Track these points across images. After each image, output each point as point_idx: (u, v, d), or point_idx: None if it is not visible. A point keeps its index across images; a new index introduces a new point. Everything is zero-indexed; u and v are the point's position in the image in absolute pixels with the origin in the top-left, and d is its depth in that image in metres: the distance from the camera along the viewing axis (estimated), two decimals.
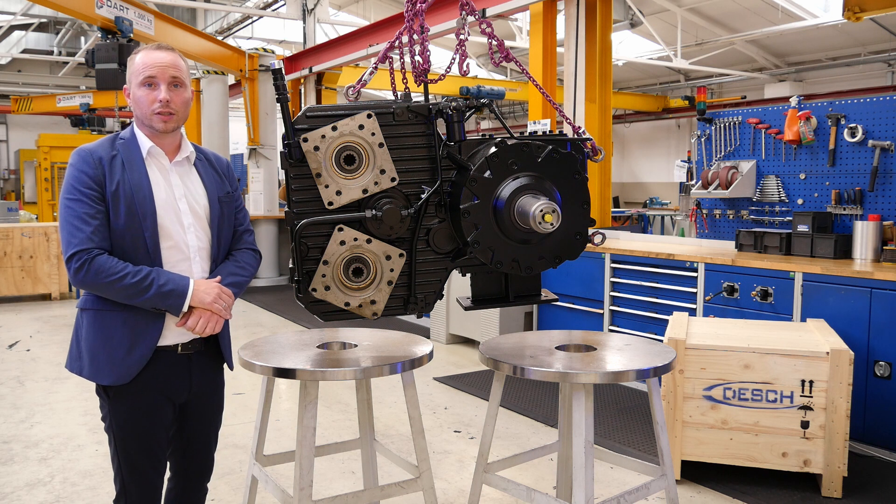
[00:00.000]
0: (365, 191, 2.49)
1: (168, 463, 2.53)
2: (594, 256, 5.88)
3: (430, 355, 2.74)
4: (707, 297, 5.06)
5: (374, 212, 2.48)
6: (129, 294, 2.19)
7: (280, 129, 3.77)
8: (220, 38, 14.80)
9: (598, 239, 2.74)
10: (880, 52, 13.55)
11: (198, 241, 2.38)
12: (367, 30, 9.89)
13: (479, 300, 2.77)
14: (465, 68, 2.75)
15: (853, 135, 5.07)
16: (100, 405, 2.41)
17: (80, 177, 2.23)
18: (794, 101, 5.41)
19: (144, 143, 2.34)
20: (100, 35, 8.20)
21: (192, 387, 2.45)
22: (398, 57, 2.75)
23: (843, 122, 5.13)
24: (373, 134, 2.49)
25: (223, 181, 2.52)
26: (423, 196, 2.53)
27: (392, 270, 2.53)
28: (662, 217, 14.99)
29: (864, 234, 4.76)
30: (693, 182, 6.24)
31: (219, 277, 2.35)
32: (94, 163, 2.25)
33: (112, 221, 2.24)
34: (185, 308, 2.25)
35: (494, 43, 2.77)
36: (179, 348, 2.38)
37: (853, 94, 12.74)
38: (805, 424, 3.64)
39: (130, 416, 2.34)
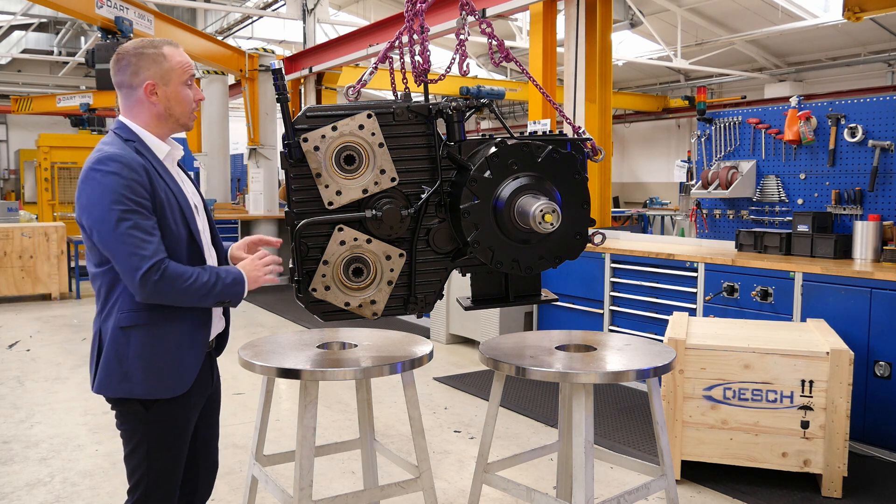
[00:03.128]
0: (365, 191, 2.49)
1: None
2: (594, 256, 5.88)
3: (430, 355, 2.74)
4: (707, 297, 5.06)
5: (374, 212, 2.48)
6: (200, 295, 2.14)
7: (280, 129, 3.76)
8: (220, 38, 14.80)
9: (598, 239, 2.74)
10: (880, 52, 13.55)
11: (205, 236, 2.37)
12: (367, 30, 9.89)
13: (479, 300, 2.77)
14: (465, 68, 2.75)
15: (853, 135, 5.07)
16: (122, 420, 2.25)
17: (132, 185, 2.07)
18: (794, 101, 5.41)
19: (160, 145, 2.25)
20: (100, 35, 8.20)
21: (213, 383, 2.46)
22: (398, 57, 2.76)
23: (843, 122, 5.13)
24: (373, 134, 2.49)
25: None
26: (423, 196, 2.53)
27: (392, 270, 2.53)
28: (662, 217, 14.99)
29: (864, 234, 4.76)
30: (693, 182, 6.24)
31: (248, 258, 2.35)
32: (139, 170, 2.11)
33: (172, 228, 2.17)
34: (247, 293, 2.27)
35: (494, 43, 2.77)
36: (210, 346, 2.37)
37: (853, 94, 12.74)
38: (805, 424, 3.64)
39: (172, 427, 2.25)
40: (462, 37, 2.73)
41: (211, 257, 2.35)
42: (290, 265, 2.52)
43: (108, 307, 2.17)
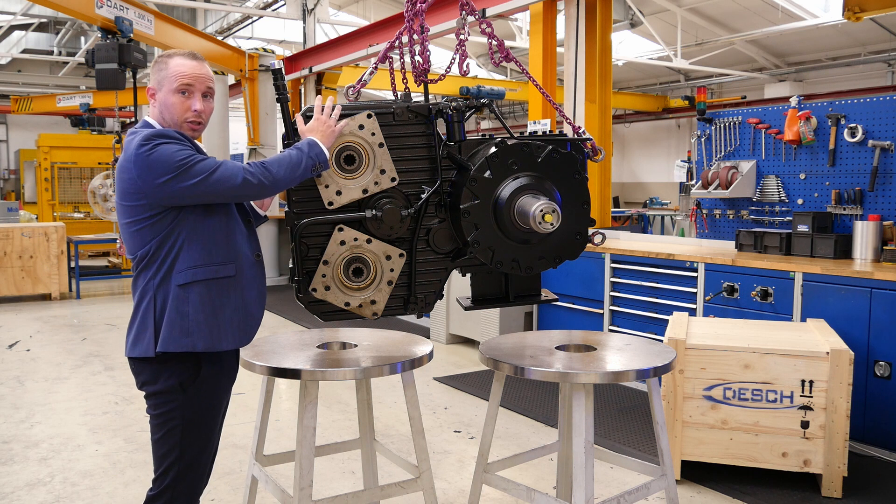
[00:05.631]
0: (365, 191, 2.50)
1: None
2: (594, 256, 5.88)
3: (430, 355, 2.74)
4: (707, 297, 5.06)
5: (374, 212, 2.48)
6: (294, 166, 2.29)
7: (280, 129, 3.77)
8: (220, 38, 14.79)
9: (598, 239, 2.74)
10: (880, 52, 13.54)
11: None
12: (367, 30, 9.89)
13: (479, 300, 2.77)
14: (465, 68, 2.75)
15: (853, 135, 5.07)
16: (160, 402, 2.32)
17: (181, 145, 2.23)
18: (794, 101, 5.41)
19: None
20: (100, 35, 8.19)
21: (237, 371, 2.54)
22: (398, 57, 2.76)
23: (843, 122, 5.13)
24: (373, 134, 2.49)
25: None
26: (423, 196, 2.54)
27: (392, 270, 2.53)
28: (662, 217, 14.99)
29: (864, 234, 4.76)
30: (693, 182, 6.24)
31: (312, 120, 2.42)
32: (181, 137, 2.27)
33: (205, 210, 2.31)
34: (327, 152, 2.38)
35: (494, 43, 2.77)
36: None
37: (853, 94, 12.73)
38: (805, 424, 3.64)
39: (208, 407, 2.36)
40: (462, 37, 2.73)
41: (241, 232, 2.45)
42: (291, 265, 2.53)
43: (161, 273, 2.27)
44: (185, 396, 2.31)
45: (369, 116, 2.49)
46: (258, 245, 2.50)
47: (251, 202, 2.60)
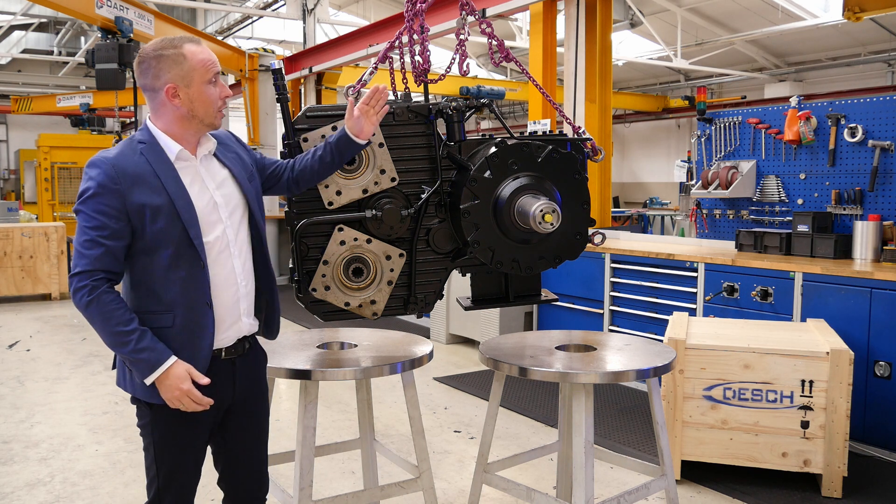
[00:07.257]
0: (365, 191, 2.50)
1: (220, 486, 2.42)
2: (594, 256, 5.88)
3: (430, 355, 2.74)
4: (707, 297, 5.06)
5: (374, 212, 2.48)
6: (110, 339, 2.07)
7: (280, 129, 3.76)
8: (220, 38, 14.80)
9: (598, 239, 2.74)
10: (880, 52, 13.54)
11: (235, 234, 2.24)
12: (367, 30, 9.89)
13: (479, 300, 2.77)
14: (465, 68, 2.75)
15: (853, 135, 5.07)
16: (138, 414, 2.26)
17: (102, 193, 2.06)
18: (794, 101, 5.41)
19: (171, 146, 2.17)
20: (100, 35, 8.20)
21: (236, 393, 2.31)
22: (398, 57, 2.76)
23: (843, 122, 5.13)
24: (373, 134, 2.49)
25: (241, 156, 2.36)
26: (423, 196, 2.54)
27: (392, 270, 2.54)
28: (662, 217, 14.98)
29: (864, 234, 4.76)
30: (693, 182, 6.24)
31: (195, 375, 2.12)
32: (120, 178, 2.07)
33: (149, 227, 2.09)
34: (148, 383, 2.09)
35: (494, 43, 2.77)
36: (223, 353, 2.24)
37: (853, 94, 12.72)
38: (805, 424, 3.64)
39: (171, 427, 2.21)
40: (462, 37, 2.73)
41: (220, 262, 2.21)
42: (291, 265, 2.53)
43: None
44: (153, 413, 2.18)
45: None
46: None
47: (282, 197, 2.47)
